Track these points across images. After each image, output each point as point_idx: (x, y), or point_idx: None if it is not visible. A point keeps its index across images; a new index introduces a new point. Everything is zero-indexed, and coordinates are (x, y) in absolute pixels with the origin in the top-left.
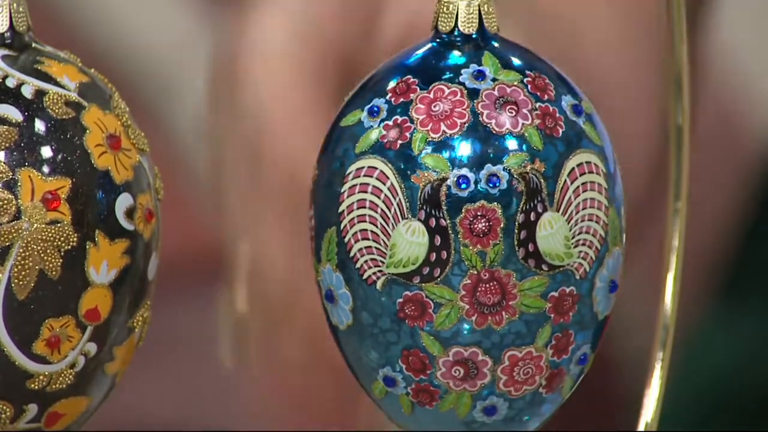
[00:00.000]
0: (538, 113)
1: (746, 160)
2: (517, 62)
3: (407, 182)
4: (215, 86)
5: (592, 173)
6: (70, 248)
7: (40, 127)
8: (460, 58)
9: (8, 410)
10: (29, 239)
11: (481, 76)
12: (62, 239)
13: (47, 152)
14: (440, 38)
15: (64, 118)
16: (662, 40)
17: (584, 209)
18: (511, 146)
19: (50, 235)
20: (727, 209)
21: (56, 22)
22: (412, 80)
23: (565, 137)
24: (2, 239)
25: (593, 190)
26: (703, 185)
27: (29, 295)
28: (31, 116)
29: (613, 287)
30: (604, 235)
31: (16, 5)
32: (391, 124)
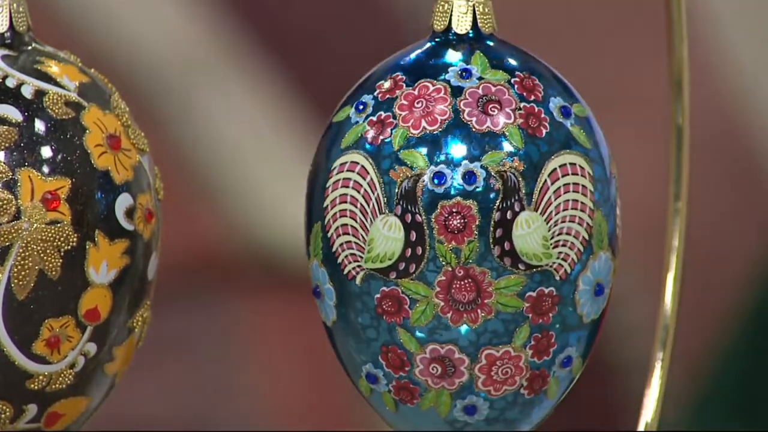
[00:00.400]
0: (521, 113)
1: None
2: (509, 62)
3: (386, 177)
4: None
5: (576, 175)
6: (69, 248)
7: (40, 127)
8: (454, 57)
9: (8, 410)
10: (29, 239)
11: (467, 74)
12: (62, 239)
13: (47, 152)
14: (437, 38)
15: (64, 118)
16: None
17: (565, 210)
18: (490, 145)
19: (50, 235)
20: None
21: (56, 22)
22: (400, 77)
23: (548, 138)
24: (2, 239)
25: (576, 191)
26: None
27: (29, 295)
28: (31, 116)
29: (599, 291)
30: (587, 237)
31: (16, 5)
32: (375, 119)
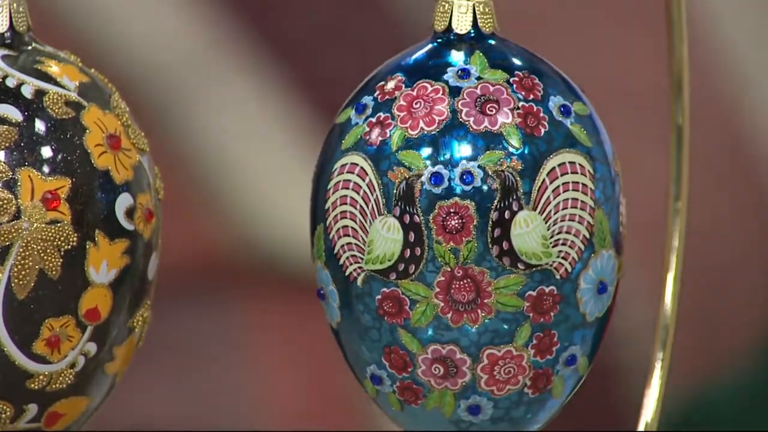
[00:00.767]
0: (519, 112)
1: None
2: (509, 62)
3: (384, 178)
4: None
5: (575, 173)
6: (70, 248)
7: (40, 126)
8: (456, 57)
9: (8, 410)
10: (29, 239)
11: (465, 74)
12: (62, 239)
13: (47, 152)
14: (438, 38)
15: (64, 117)
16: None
17: (564, 209)
18: (488, 144)
19: (50, 234)
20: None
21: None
22: (400, 78)
23: (547, 137)
24: (2, 239)
25: (576, 190)
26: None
27: (29, 294)
28: (31, 116)
29: (602, 289)
30: (588, 235)
31: (16, 5)
32: (374, 120)
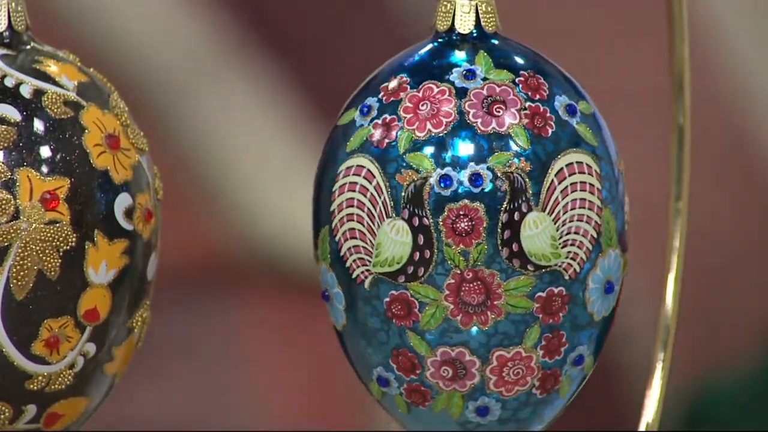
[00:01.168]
0: (526, 113)
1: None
2: (513, 61)
3: (392, 181)
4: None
5: (583, 173)
6: (68, 248)
7: (38, 126)
8: (459, 57)
9: (7, 411)
10: (28, 239)
11: (471, 75)
12: (61, 239)
13: (46, 152)
14: (440, 38)
15: (62, 117)
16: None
17: (573, 209)
18: (496, 145)
19: (49, 235)
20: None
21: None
22: (404, 79)
23: (554, 137)
24: (1, 239)
25: (584, 190)
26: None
27: (28, 295)
28: (29, 116)
29: (609, 288)
30: (596, 235)
31: (14, 4)
32: (380, 122)
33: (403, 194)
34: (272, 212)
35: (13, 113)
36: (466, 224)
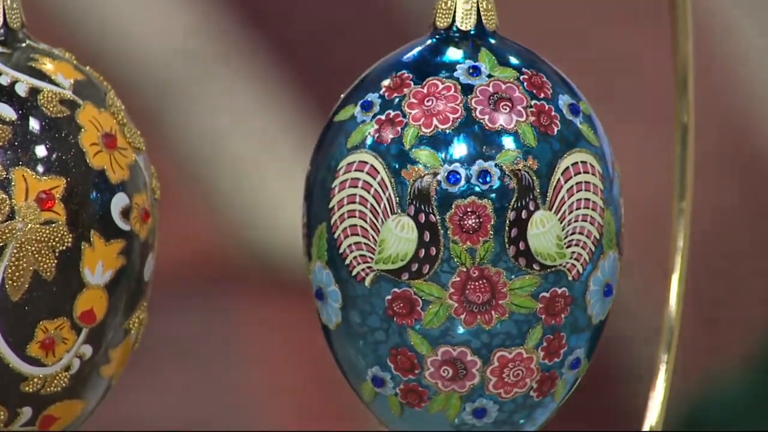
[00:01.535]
0: (533, 111)
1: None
2: (514, 60)
3: (398, 177)
4: None
5: (587, 173)
6: (64, 249)
7: (34, 125)
8: (457, 54)
9: (2, 413)
10: (23, 240)
11: (476, 71)
12: (57, 240)
13: (41, 151)
14: (438, 35)
15: (58, 116)
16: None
17: (578, 209)
18: (503, 143)
19: (45, 235)
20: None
21: (51, 18)
22: (406, 75)
23: (560, 136)
24: None
25: (588, 190)
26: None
27: (23, 296)
28: (25, 114)
29: (608, 291)
30: (598, 237)
31: (9, 2)
32: (383, 118)
33: (409, 190)
34: (270, 212)
35: (8, 112)
36: (473, 221)
